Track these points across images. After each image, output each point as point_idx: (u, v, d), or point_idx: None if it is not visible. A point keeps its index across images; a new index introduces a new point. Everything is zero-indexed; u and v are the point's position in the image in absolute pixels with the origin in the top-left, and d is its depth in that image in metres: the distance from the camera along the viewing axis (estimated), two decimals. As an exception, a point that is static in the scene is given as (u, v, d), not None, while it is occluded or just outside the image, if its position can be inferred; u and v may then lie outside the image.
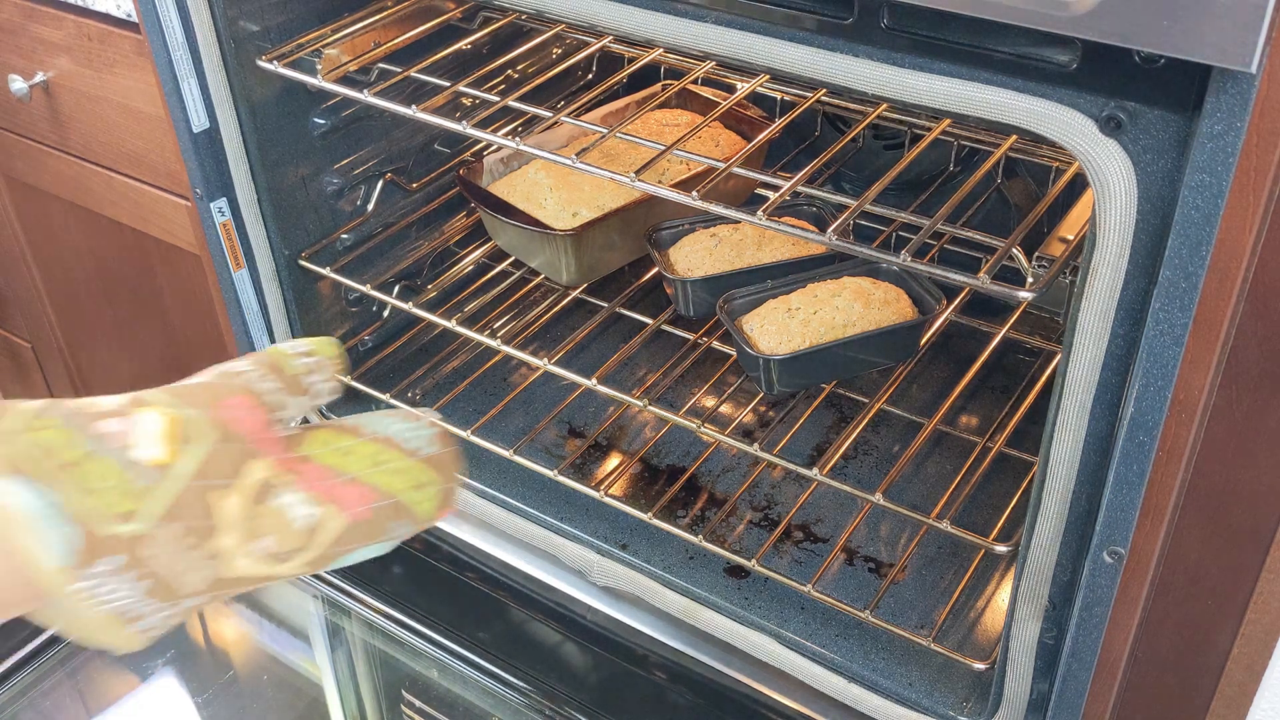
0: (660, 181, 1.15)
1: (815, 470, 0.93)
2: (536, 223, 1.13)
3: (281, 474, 0.70)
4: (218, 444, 0.68)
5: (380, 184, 1.23)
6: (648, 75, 1.33)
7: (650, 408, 0.94)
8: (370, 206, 1.23)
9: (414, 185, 1.26)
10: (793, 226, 0.88)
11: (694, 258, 1.10)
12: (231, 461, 0.68)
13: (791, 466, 0.96)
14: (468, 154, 1.33)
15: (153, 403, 0.67)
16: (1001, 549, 0.89)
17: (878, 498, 0.91)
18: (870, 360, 1.02)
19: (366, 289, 1.15)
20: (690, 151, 1.09)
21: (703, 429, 0.99)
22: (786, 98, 1.27)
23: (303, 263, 1.15)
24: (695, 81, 1.17)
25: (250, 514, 0.68)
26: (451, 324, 1.11)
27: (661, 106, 1.26)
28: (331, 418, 1.17)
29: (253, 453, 0.70)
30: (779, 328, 1.00)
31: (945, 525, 0.89)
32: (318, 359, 0.76)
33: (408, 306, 1.14)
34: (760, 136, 0.99)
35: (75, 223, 1.43)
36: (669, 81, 1.31)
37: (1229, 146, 0.58)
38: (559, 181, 1.16)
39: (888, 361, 1.03)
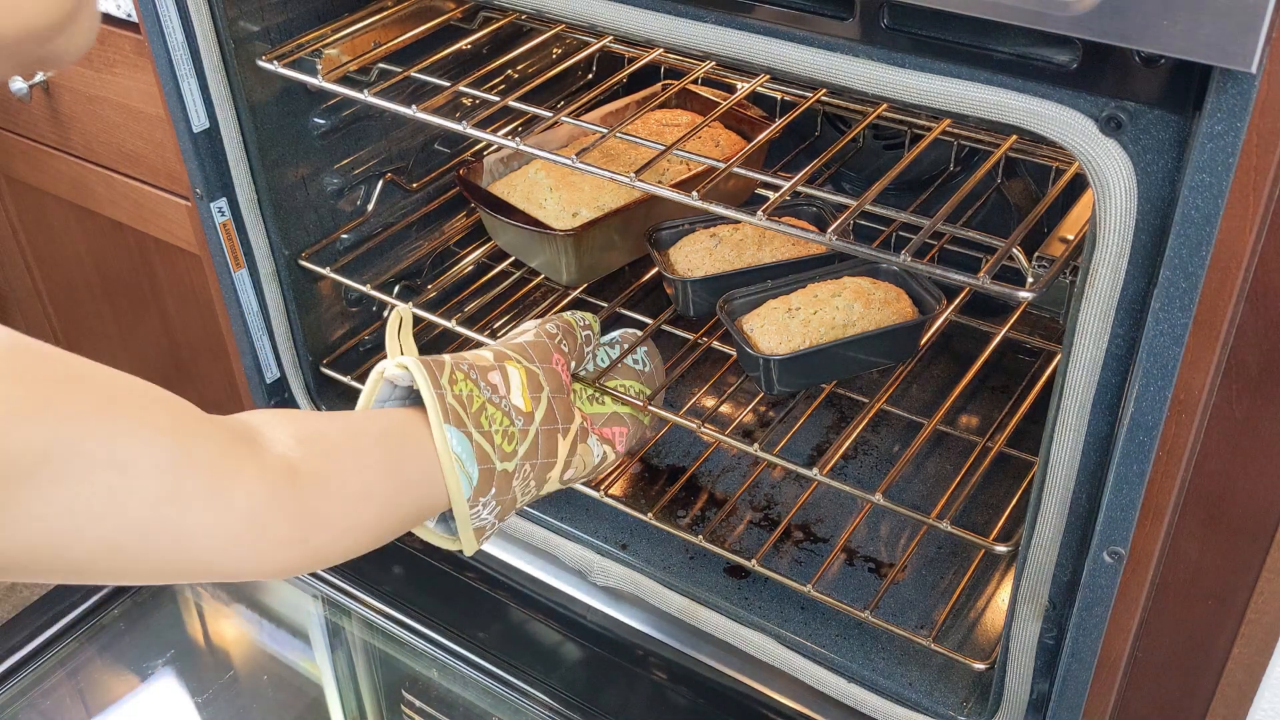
0: (660, 181, 1.14)
1: (815, 470, 0.93)
2: (536, 223, 1.13)
3: (584, 421, 0.86)
4: (554, 394, 0.82)
5: (380, 184, 1.23)
6: (647, 75, 1.33)
7: (650, 408, 0.94)
8: (370, 206, 1.23)
9: (414, 185, 1.27)
10: (793, 226, 0.88)
11: (694, 258, 1.10)
12: (564, 409, 0.83)
13: (792, 466, 0.96)
14: (468, 154, 1.33)
15: (510, 358, 0.81)
16: (1001, 549, 0.89)
17: (878, 498, 0.91)
18: (870, 360, 1.02)
19: (366, 289, 1.15)
20: (690, 151, 1.09)
21: (703, 429, 0.99)
22: (786, 98, 1.27)
23: (303, 262, 1.15)
24: (695, 81, 1.17)
25: (572, 451, 0.83)
26: (451, 324, 1.11)
27: (662, 106, 1.26)
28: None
29: (571, 402, 0.82)
30: (779, 328, 1.00)
31: (946, 525, 0.89)
32: (589, 334, 0.92)
33: (407, 306, 1.14)
34: (760, 136, 0.99)
35: (75, 223, 1.43)
36: (669, 81, 1.31)
37: (1229, 146, 0.58)
38: (559, 181, 1.16)
39: (888, 361, 1.03)
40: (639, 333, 1.00)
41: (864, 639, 0.97)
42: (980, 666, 0.92)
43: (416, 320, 1.22)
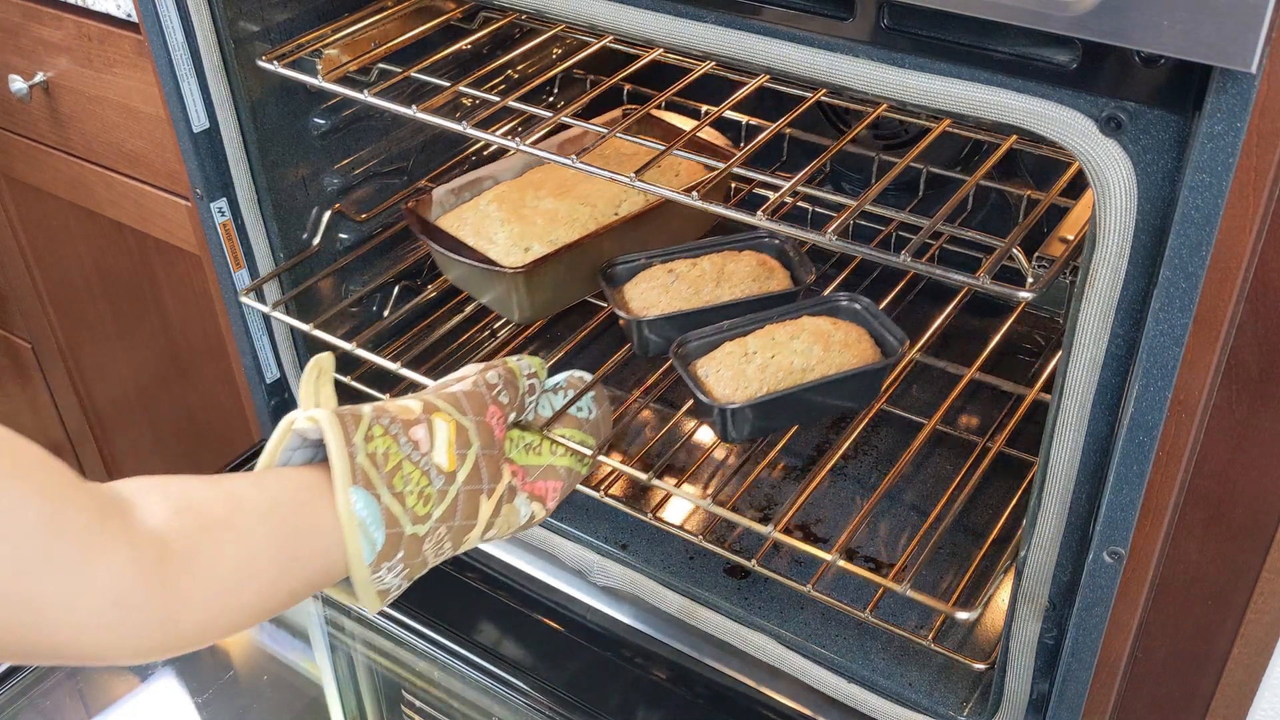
0: (617, 213, 1.13)
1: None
2: (485, 259, 1.08)
3: (514, 479, 0.81)
4: (484, 451, 0.78)
5: (380, 185, 1.23)
6: (644, 77, 1.32)
7: (601, 457, 0.91)
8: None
9: (362, 216, 1.26)
10: (790, 226, 0.88)
11: (650, 295, 1.06)
12: (492, 468, 0.78)
13: (746, 522, 0.93)
14: (468, 152, 1.33)
15: (439, 410, 0.76)
16: (963, 615, 0.86)
17: (834, 556, 0.88)
18: (831, 405, 0.99)
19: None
20: (649, 182, 1.05)
21: (652, 480, 0.95)
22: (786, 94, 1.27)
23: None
24: (660, 106, 1.12)
25: (495, 512, 0.79)
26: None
27: (627, 130, 1.23)
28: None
29: (502, 459, 0.80)
30: (735, 373, 0.96)
31: (905, 589, 0.86)
32: (534, 381, 0.87)
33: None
34: (761, 137, 0.99)
35: (75, 223, 1.43)
36: (631, 107, 1.29)
37: (1229, 146, 0.58)
38: (510, 215, 1.12)
39: (850, 405, 1.00)
40: (588, 376, 0.94)
41: (864, 639, 0.97)
42: (980, 666, 0.92)
43: (417, 320, 1.21)
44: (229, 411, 1.46)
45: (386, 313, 1.25)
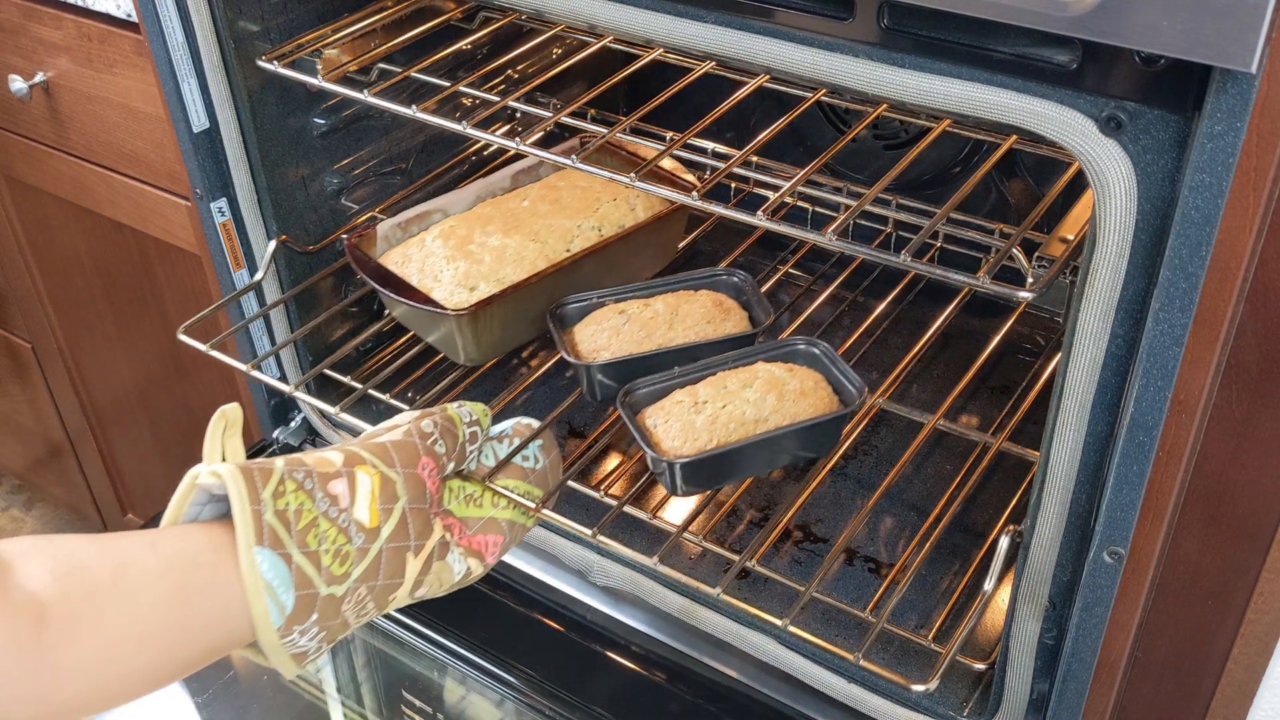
0: (569, 250, 1.09)
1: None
2: (428, 300, 1.05)
3: (447, 533, 0.78)
4: (412, 505, 0.75)
5: (379, 185, 1.23)
6: (645, 76, 1.32)
7: (545, 510, 0.90)
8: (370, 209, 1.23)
9: (310, 247, 1.26)
10: (791, 226, 0.88)
11: (600, 337, 1.02)
12: (421, 523, 0.74)
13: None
14: (468, 152, 1.33)
15: (365, 462, 0.73)
16: (919, 688, 0.83)
17: (785, 623, 0.85)
18: (786, 456, 0.95)
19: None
20: (604, 215, 1.04)
21: (597, 538, 0.92)
22: (784, 91, 1.27)
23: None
24: (624, 132, 1.10)
25: (425, 570, 0.74)
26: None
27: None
28: (311, 444, 1.17)
29: (433, 513, 0.76)
30: (683, 425, 0.92)
31: (860, 660, 0.84)
32: (475, 429, 0.83)
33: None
34: (762, 136, 0.99)
35: (75, 223, 1.43)
36: (589, 136, 1.27)
37: (1229, 146, 0.58)
38: (456, 252, 1.08)
39: (806, 455, 0.96)
40: (535, 423, 0.90)
41: (864, 639, 0.97)
42: (980, 666, 0.92)
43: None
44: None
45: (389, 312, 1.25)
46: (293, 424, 1.25)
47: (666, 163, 1.15)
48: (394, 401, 1.15)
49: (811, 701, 0.98)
